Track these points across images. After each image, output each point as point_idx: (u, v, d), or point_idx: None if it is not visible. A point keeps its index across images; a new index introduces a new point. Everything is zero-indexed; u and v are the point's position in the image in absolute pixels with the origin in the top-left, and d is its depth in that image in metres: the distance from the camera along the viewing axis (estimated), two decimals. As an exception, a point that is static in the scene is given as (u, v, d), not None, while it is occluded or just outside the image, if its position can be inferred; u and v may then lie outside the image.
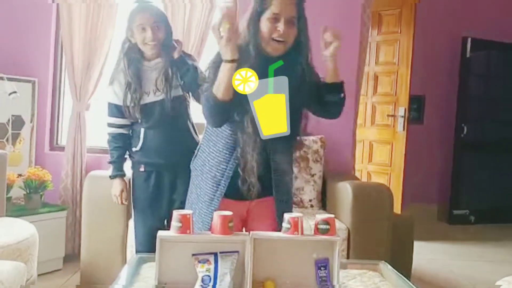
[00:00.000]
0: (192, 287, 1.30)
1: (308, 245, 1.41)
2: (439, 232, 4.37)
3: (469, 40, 4.65)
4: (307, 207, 2.82)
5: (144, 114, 1.98)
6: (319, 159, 2.91)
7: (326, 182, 2.90)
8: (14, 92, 2.85)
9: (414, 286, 1.46)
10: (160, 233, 1.34)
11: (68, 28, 3.03)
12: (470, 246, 3.93)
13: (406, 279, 1.52)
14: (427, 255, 3.50)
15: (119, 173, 2.08)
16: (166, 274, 1.34)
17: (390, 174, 4.16)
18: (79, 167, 3.07)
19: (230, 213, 1.37)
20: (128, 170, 2.14)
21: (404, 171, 4.02)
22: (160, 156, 2.02)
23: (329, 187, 2.85)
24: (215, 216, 1.36)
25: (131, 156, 2.10)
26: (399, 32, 4.08)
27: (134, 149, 2.06)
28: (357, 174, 3.62)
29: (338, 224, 2.42)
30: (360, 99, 3.68)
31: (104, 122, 2.10)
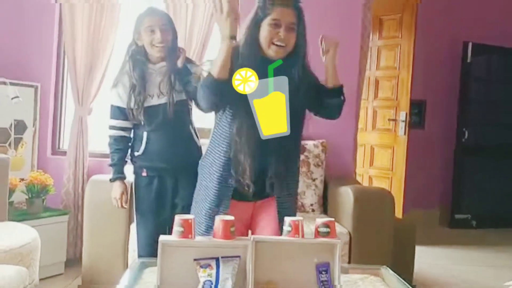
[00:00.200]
0: (193, 291, 1.30)
1: (309, 248, 1.41)
2: (440, 236, 4.36)
3: (470, 44, 4.66)
4: (308, 212, 2.82)
5: (147, 116, 1.99)
6: (320, 164, 2.92)
7: (327, 187, 2.90)
8: (17, 96, 2.87)
9: (415, 291, 1.46)
10: (162, 237, 1.35)
11: (70, 32, 3.04)
12: (472, 250, 3.92)
13: (407, 284, 1.52)
14: (428, 259, 3.49)
15: (120, 175, 2.07)
16: (168, 279, 1.34)
17: (392, 178, 4.16)
18: (81, 172, 3.07)
19: (231, 217, 1.37)
20: (130, 175, 2.14)
21: (405, 175, 4.02)
22: (162, 160, 2.02)
23: (330, 191, 2.85)
24: (216, 221, 1.36)
25: (132, 161, 2.10)
26: (400, 36, 4.09)
27: (136, 153, 2.06)
28: (358, 179, 3.62)
29: (340, 228, 2.42)
30: (361, 104, 3.69)
31: (106, 127, 2.10)
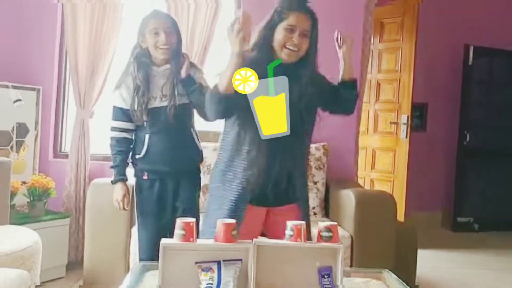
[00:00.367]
0: (195, 295, 1.30)
1: (311, 252, 1.40)
2: (442, 239, 4.35)
3: (471, 47, 4.65)
4: (310, 215, 2.81)
5: (150, 118, 1.99)
6: (322, 167, 2.91)
7: (329, 190, 2.90)
8: (19, 100, 2.87)
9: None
10: (163, 241, 1.35)
11: (72, 35, 3.05)
12: (474, 253, 3.90)
13: (409, 288, 1.52)
14: (430, 262, 3.48)
15: (122, 177, 2.06)
16: (169, 282, 1.34)
17: (393, 181, 4.15)
18: (83, 175, 3.07)
19: (233, 221, 1.37)
20: (131, 178, 2.13)
21: (407, 178, 4.01)
22: (164, 163, 2.02)
23: (332, 194, 2.85)
24: (218, 224, 1.36)
25: (133, 164, 2.10)
26: (401, 40, 4.09)
27: (137, 156, 2.06)
28: (360, 182, 3.62)
29: (341, 232, 2.41)
30: (363, 107, 3.70)
31: (108, 130, 2.10)
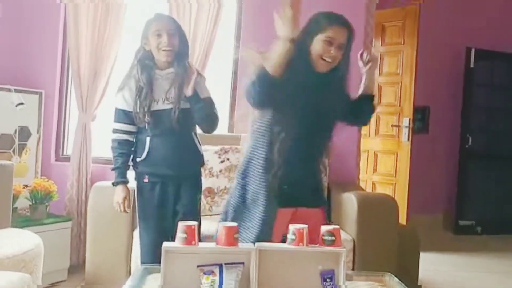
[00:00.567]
0: (197, 298, 1.30)
1: (313, 256, 1.40)
2: (445, 242, 4.33)
3: (472, 50, 4.65)
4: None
5: (152, 120, 1.99)
6: (323, 170, 2.91)
7: (330, 193, 2.89)
8: (21, 103, 2.89)
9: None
10: (165, 244, 1.35)
11: (75, 39, 3.06)
12: (476, 257, 3.89)
13: (412, 291, 1.51)
14: (433, 266, 3.47)
15: (123, 180, 2.05)
16: (171, 285, 1.34)
17: (395, 184, 4.15)
18: (84, 178, 3.08)
19: (235, 224, 1.37)
20: (132, 181, 2.12)
21: (409, 181, 4.00)
22: (165, 165, 2.02)
23: (334, 197, 2.84)
24: (220, 227, 1.36)
25: (134, 167, 2.10)
26: (403, 43, 4.09)
27: (138, 159, 2.05)
28: (361, 185, 3.61)
29: (343, 235, 2.41)
30: (364, 110, 3.68)
31: (110, 133, 2.09)
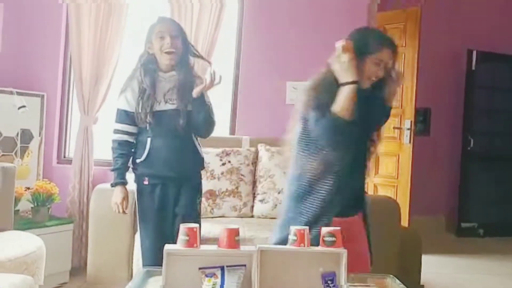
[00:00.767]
0: (198, 301, 1.30)
1: (314, 257, 1.40)
2: (447, 245, 4.33)
3: (474, 52, 4.65)
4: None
5: (153, 121, 2.00)
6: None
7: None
8: (23, 106, 2.90)
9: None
10: (167, 246, 1.34)
11: (76, 42, 3.08)
12: (478, 259, 3.88)
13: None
14: (434, 268, 3.46)
15: (122, 181, 2.05)
16: (173, 288, 1.34)
17: (397, 186, 4.14)
18: (86, 180, 3.08)
19: (236, 226, 1.37)
20: (131, 183, 2.12)
21: (411, 183, 3.99)
22: (165, 166, 2.02)
23: (335, 200, 2.83)
24: (222, 230, 1.36)
25: (133, 169, 2.09)
26: (404, 45, 4.09)
27: (138, 160, 2.05)
28: (363, 187, 3.60)
29: (345, 237, 2.40)
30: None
31: (111, 136, 2.09)
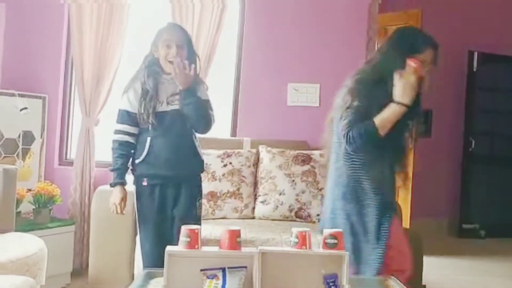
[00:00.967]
0: (200, 302, 1.30)
1: (316, 259, 1.40)
2: (448, 246, 4.32)
3: (475, 54, 4.65)
4: (315, 222, 2.80)
5: (155, 121, 2.00)
6: (326, 174, 2.90)
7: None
8: (25, 108, 2.90)
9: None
10: (168, 248, 1.35)
11: (78, 44, 3.08)
12: (480, 260, 3.87)
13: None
14: (436, 269, 3.46)
15: (121, 181, 2.04)
16: (174, 289, 1.34)
17: (398, 188, 4.13)
18: (88, 182, 3.09)
19: (238, 228, 1.37)
20: (131, 185, 2.11)
21: (413, 185, 3.99)
22: (164, 166, 2.01)
23: (336, 201, 2.83)
24: (223, 232, 1.36)
25: (133, 170, 2.09)
26: (405, 46, 4.09)
27: (137, 160, 2.05)
28: (364, 188, 3.60)
29: (346, 239, 2.40)
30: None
31: (113, 137, 2.09)
